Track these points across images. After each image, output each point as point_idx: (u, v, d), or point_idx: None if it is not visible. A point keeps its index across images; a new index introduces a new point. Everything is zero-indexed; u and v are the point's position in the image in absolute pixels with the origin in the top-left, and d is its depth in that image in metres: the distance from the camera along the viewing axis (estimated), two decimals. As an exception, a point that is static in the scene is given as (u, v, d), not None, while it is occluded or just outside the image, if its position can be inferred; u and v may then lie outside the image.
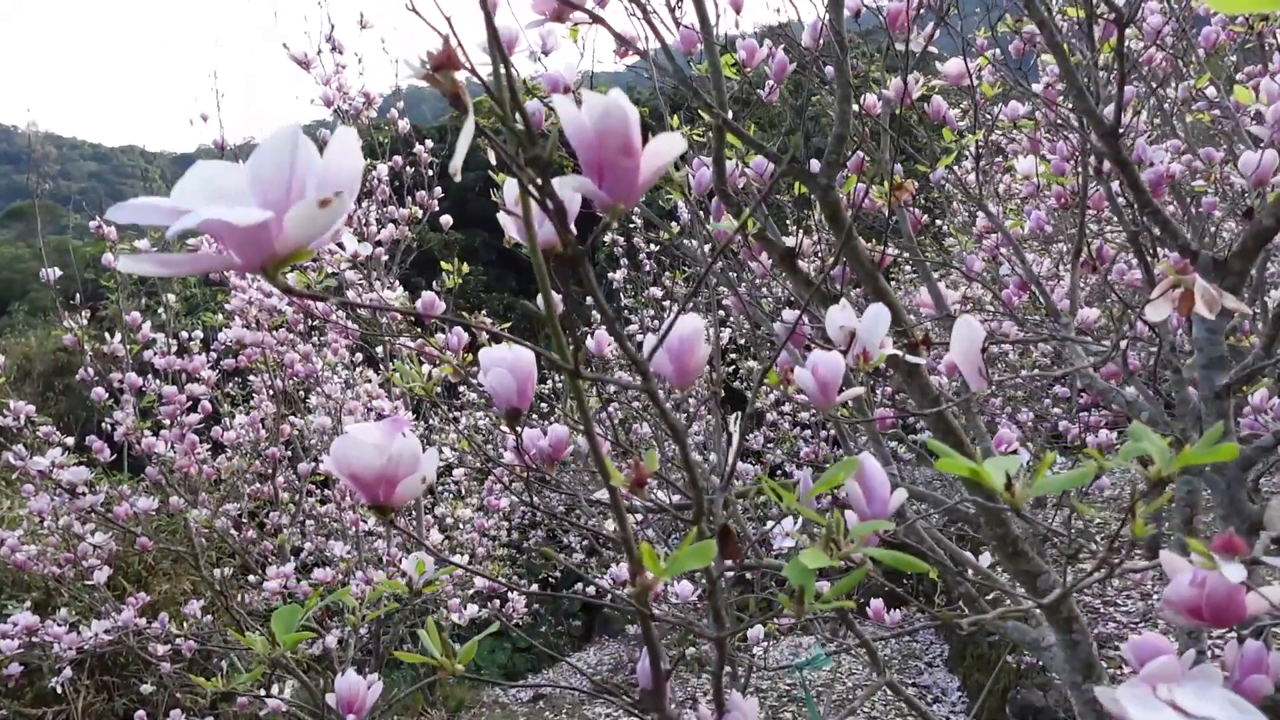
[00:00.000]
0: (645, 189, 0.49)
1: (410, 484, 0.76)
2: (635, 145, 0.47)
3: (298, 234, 0.43)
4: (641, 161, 0.48)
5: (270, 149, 0.42)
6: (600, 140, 0.47)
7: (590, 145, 0.47)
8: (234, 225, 0.40)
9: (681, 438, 0.55)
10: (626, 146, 0.47)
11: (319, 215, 0.42)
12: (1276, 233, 1.14)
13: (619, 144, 0.47)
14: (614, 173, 0.47)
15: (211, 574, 4.20)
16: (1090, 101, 1.19)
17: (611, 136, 0.46)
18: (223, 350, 4.43)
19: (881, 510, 0.71)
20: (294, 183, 0.43)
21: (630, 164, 0.47)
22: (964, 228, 4.29)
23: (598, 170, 0.48)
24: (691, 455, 0.56)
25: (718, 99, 1.30)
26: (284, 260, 0.44)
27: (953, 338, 0.76)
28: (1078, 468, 0.54)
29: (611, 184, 0.48)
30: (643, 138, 0.50)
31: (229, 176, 0.43)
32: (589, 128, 0.47)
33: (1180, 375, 1.48)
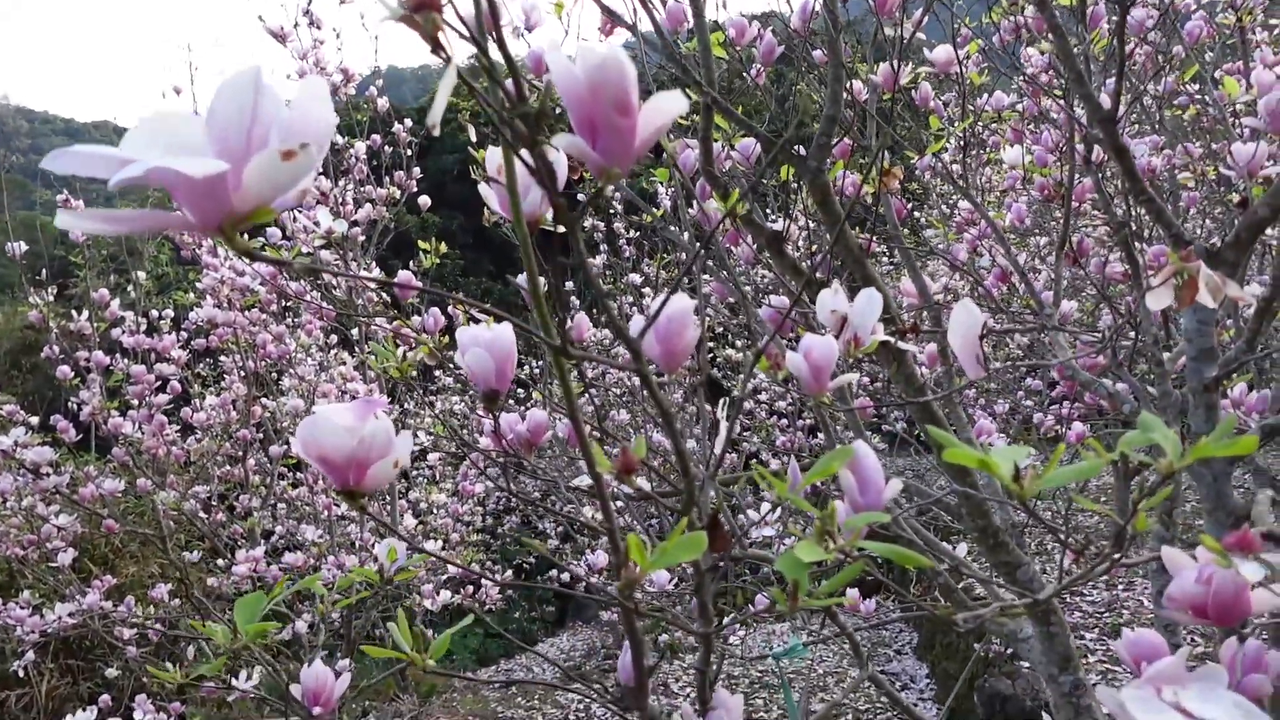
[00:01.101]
0: (643, 151, 0.45)
1: (382, 468, 0.72)
2: (632, 102, 0.44)
3: (258, 189, 0.39)
4: (639, 120, 0.45)
5: (228, 93, 0.38)
6: (594, 95, 0.43)
7: (583, 101, 0.43)
8: (186, 176, 0.36)
9: (671, 422, 0.52)
10: (623, 103, 0.43)
11: (282, 169, 0.38)
12: (1271, 223, 1.12)
13: (615, 100, 0.43)
14: (609, 132, 0.44)
15: (180, 557, 4.12)
16: (1089, 86, 1.17)
17: (607, 91, 0.43)
18: (194, 330, 4.34)
19: (876, 501, 0.68)
20: (255, 132, 0.39)
21: (627, 123, 0.44)
22: (944, 219, 4.29)
23: (590, 129, 0.44)
24: (682, 441, 0.53)
25: (706, 76, 1.26)
26: (243, 219, 0.40)
27: (951, 322, 0.73)
28: (1078, 461, 0.51)
29: (606, 144, 0.44)
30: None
31: (185, 125, 0.39)
32: (582, 81, 0.43)
33: (1162, 368, 1.47)
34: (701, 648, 0.63)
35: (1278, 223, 1.31)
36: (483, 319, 0.94)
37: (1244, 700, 0.53)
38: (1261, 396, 1.67)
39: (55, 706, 4.99)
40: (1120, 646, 0.73)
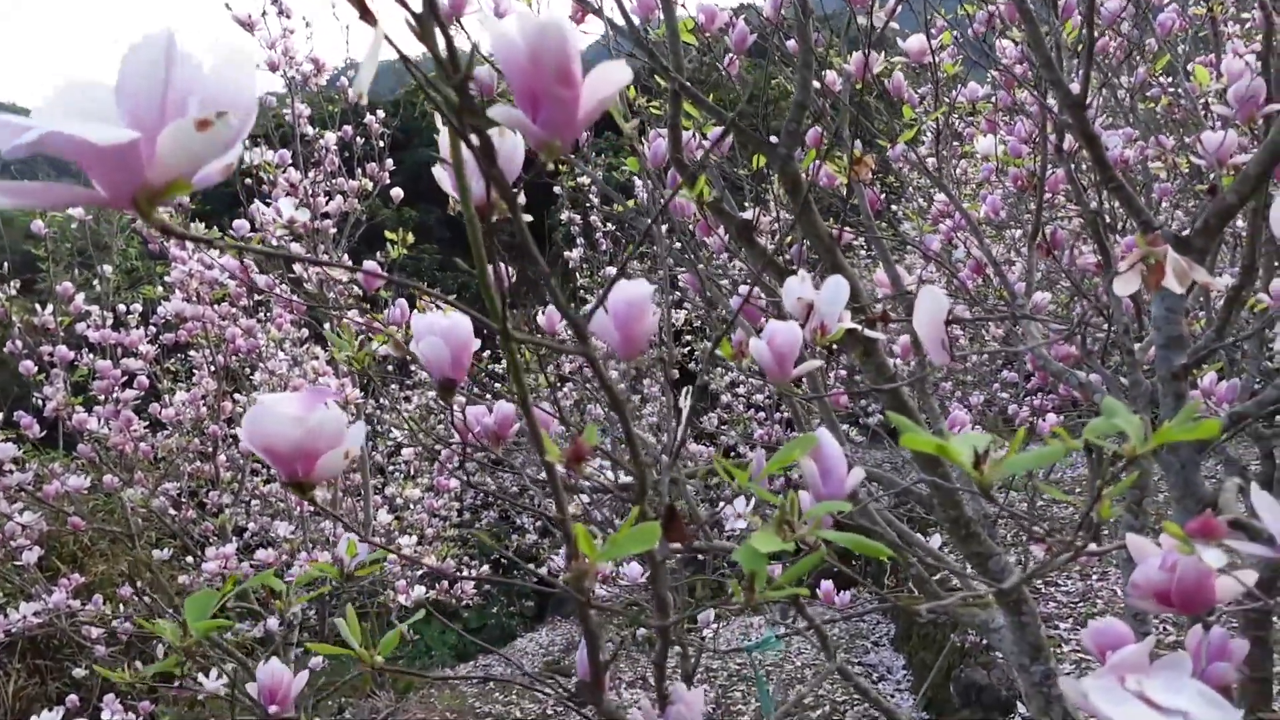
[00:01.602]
0: (586, 124, 0.43)
1: (331, 459, 0.70)
2: (574, 72, 0.42)
3: (173, 160, 0.36)
4: (583, 92, 0.43)
5: (139, 58, 0.35)
6: (535, 65, 0.41)
7: (523, 71, 0.41)
8: (93, 145, 0.34)
9: (621, 408, 0.50)
10: (565, 73, 0.41)
11: (198, 139, 0.36)
12: (1238, 210, 1.12)
13: (556, 69, 0.41)
14: (550, 103, 0.42)
15: (149, 555, 4.06)
16: (1058, 71, 1.16)
17: (548, 60, 0.41)
18: (163, 324, 4.28)
19: (838, 490, 0.66)
20: (170, 99, 0.36)
21: (569, 94, 0.42)
22: (920, 211, 4.30)
23: (531, 100, 0.42)
24: (633, 428, 0.51)
25: (675, 63, 1.24)
26: (159, 193, 0.37)
27: (916, 307, 0.72)
28: (1043, 447, 0.50)
29: (547, 116, 0.42)
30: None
31: (96, 93, 0.37)
32: (522, 49, 0.41)
33: (1133, 357, 1.48)
34: (659, 642, 0.61)
35: (1246, 210, 1.31)
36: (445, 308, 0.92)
37: (1207, 689, 0.52)
38: (1231, 386, 1.68)
39: (23, 707, 4.91)
40: (1086, 636, 0.72)
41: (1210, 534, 0.52)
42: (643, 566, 1.97)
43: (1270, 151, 1.05)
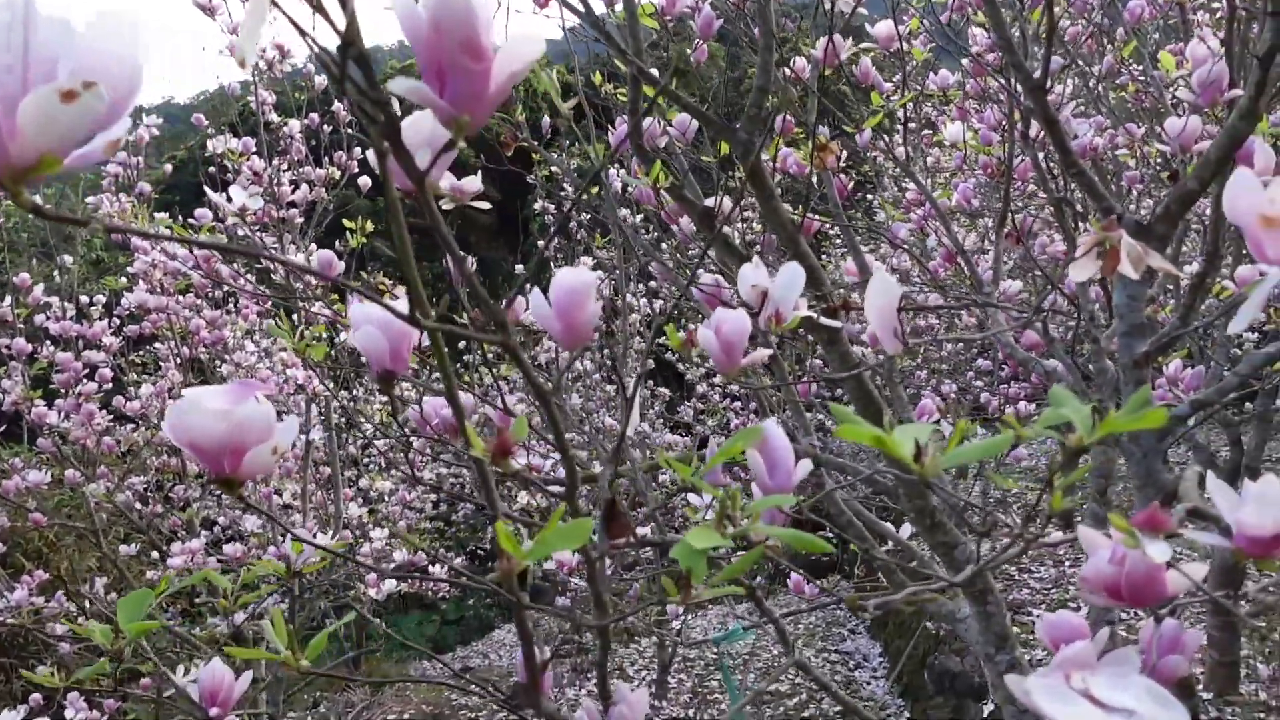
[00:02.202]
0: (499, 100, 0.41)
1: (259, 455, 0.67)
2: (482, 44, 0.39)
3: (38, 134, 0.33)
4: (493, 66, 0.40)
5: (-9, 21, 0.32)
6: (439, 36, 0.38)
7: (427, 42, 0.39)
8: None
9: (548, 401, 0.48)
10: (471, 45, 0.39)
11: (64, 112, 0.33)
12: (1200, 196, 1.11)
13: (462, 41, 0.38)
14: (457, 78, 0.39)
15: (116, 550, 3.99)
16: (1018, 54, 1.14)
17: (452, 31, 0.38)
18: (127, 316, 4.20)
19: (785, 482, 0.64)
20: (31, 69, 0.33)
21: (477, 67, 0.39)
22: (895, 201, 4.29)
23: (438, 74, 0.40)
24: (561, 421, 0.49)
25: (634, 46, 1.21)
26: (25, 171, 0.34)
27: (867, 293, 0.70)
28: (988, 438, 0.48)
29: (455, 91, 0.39)
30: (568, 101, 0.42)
31: (-45, 63, 0.34)
32: (425, 20, 0.38)
33: (1099, 346, 1.47)
34: (599, 642, 0.59)
35: (1211, 195, 1.30)
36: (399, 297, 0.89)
37: (1156, 685, 0.50)
38: (1196, 373, 1.68)
39: (-12, 706, 4.83)
40: (1040, 628, 0.71)
41: (1157, 527, 0.50)
42: (611, 560, 1.95)
43: (1230, 136, 1.04)
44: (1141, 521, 0.50)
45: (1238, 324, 0.57)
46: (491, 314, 0.44)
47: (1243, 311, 0.57)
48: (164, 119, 4.31)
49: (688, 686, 5.94)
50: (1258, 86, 0.97)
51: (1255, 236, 0.56)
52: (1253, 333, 3.52)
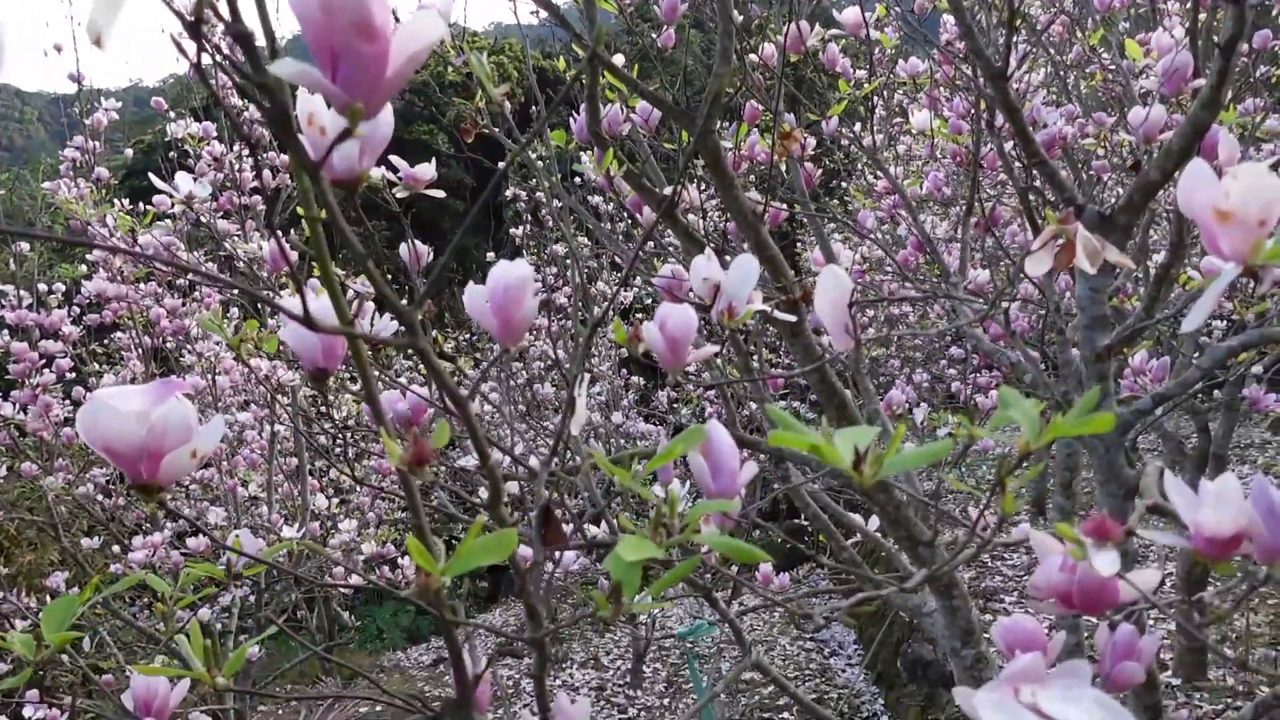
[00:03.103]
0: (398, 85, 0.38)
1: (178, 459, 0.64)
2: (376, 25, 0.36)
3: None
4: (391, 49, 0.37)
5: None
6: (329, 16, 0.35)
7: (317, 23, 0.36)
8: None
9: (464, 407, 0.45)
10: (365, 25, 0.35)
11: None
12: (1162, 187, 1.10)
13: (354, 21, 0.35)
14: (350, 61, 0.36)
15: (78, 544, 3.92)
16: (979, 41, 1.12)
17: (344, 10, 0.35)
18: (87, 304, 4.11)
19: (729, 486, 0.62)
20: None
21: (370, 50, 0.36)
22: (867, 190, 4.28)
23: (329, 57, 0.36)
24: (479, 429, 0.46)
25: (590, 31, 1.18)
26: None
27: (817, 289, 0.67)
28: (928, 444, 0.46)
29: (348, 76, 0.36)
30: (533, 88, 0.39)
31: None
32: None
33: (1064, 337, 1.46)
34: (535, 655, 0.56)
35: (1173, 185, 1.29)
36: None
37: (1106, 697, 0.48)
38: (1162, 364, 1.68)
39: (-52, 703, 4.74)
40: (995, 634, 0.69)
41: (1105, 536, 0.48)
42: (576, 553, 1.93)
43: (1193, 126, 1.02)
44: (1090, 530, 0.48)
45: (1191, 321, 0.55)
46: (403, 318, 0.41)
47: (1196, 308, 0.55)
48: (131, 102, 4.20)
49: (663, 676, 5.95)
50: (1220, 75, 0.96)
51: (1210, 230, 0.54)
52: (1220, 320, 3.54)
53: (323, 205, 0.38)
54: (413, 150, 4.28)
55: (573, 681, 6.06)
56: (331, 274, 0.48)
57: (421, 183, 1.37)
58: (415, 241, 1.58)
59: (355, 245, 0.40)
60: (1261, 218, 0.50)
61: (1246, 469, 6.75)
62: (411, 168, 1.30)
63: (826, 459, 0.43)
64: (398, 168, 1.37)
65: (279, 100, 0.36)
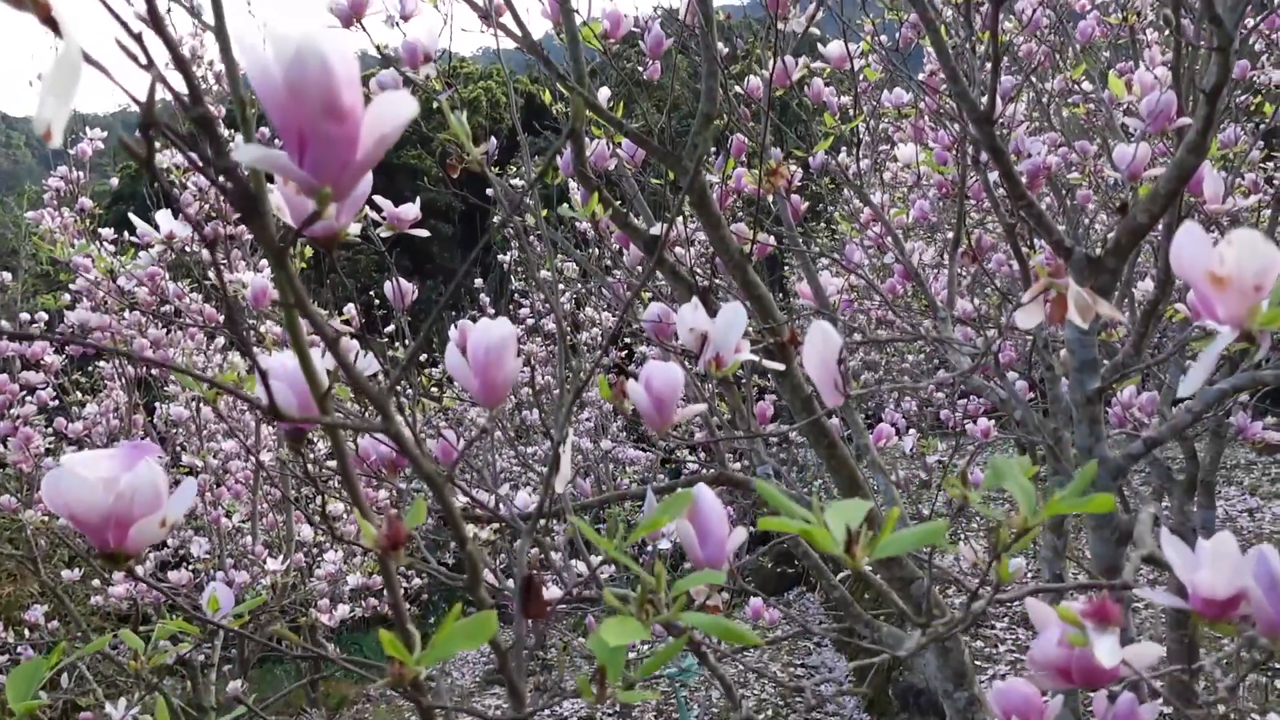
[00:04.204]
0: (369, 166, 0.36)
1: (147, 527, 0.62)
2: (345, 105, 0.34)
3: None
4: (361, 130, 0.35)
5: None
6: (294, 97, 0.34)
7: (282, 104, 0.34)
8: None
9: (439, 486, 0.43)
10: (333, 106, 0.34)
11: None
12: (1150, 230, 1.10)
13: (322, 102, 0.34)
14: (319, 143, 0.35)
15: (57, 577, 3.85)
16: (964, 84, 1.12)
17: (309, 92, 0.34)
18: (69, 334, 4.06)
19: (717, 554, 0.60)
20: None
21: (339, 131, 0.35)
22: (852, 215, 4.29)
23: (297, 138, 0.35)
24: (456, 509, 0.44)
25: (575, 71, 1.17)
26: None
27: (805, 346, 0.66)
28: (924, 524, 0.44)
29: (316, 158, 0.35)
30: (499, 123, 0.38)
31: None
32: (278, 79, 0.34)
33: (1052, 372, 1.46)
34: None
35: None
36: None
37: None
38: (1150, 397, 1.67)
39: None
40: (990, 699, 0.67)
41: (1106, 620, 0.46)
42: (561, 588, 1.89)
43: (1179, 170, 1.02)
44: (1090, 614, 0.47)
45: (1188, 386, 0.54)
46: (374, 401, 0.39)
47: (1193, 373, 0.54)
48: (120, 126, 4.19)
49: (652, 705, 5.89)
50: (1205, 121, 0.96)
51: (1204, 294, 0.53)
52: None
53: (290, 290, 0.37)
54: (402, 174, 4.43)
55: (562, 711, 5.98)
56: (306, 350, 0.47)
57: (405, 223, 1.36)
58: (400, 279, 1.56)
59: (299, 294, 0.38)
60: (1257, 283, 0.49)
61: (1234, 490, 6.78)
62: (402, 189, 1.28)
63: (818, 544, 0.42)
64: (381, 207, 1.35)
65: (241, 183, 0.34)
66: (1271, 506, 6.20)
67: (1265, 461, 7.04)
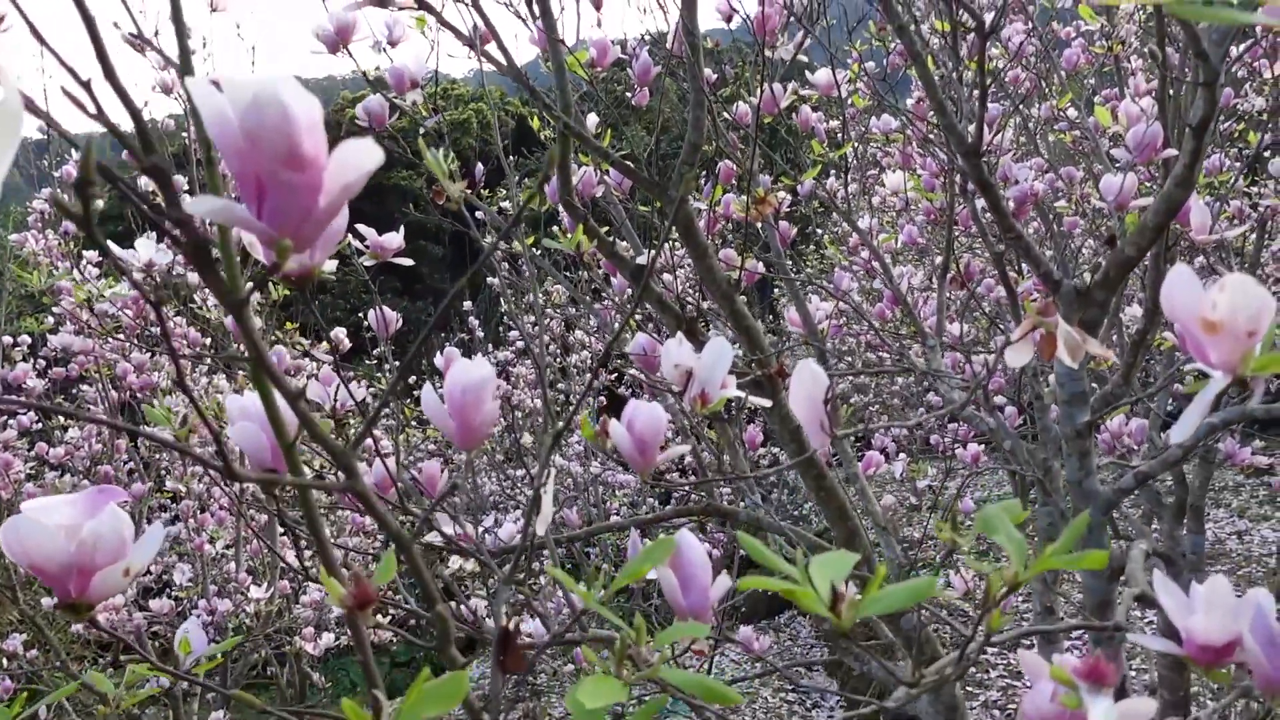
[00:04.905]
0: (331, 216, 0.35)
1: (109, 577, 0.60)
2: (306, 153, 0.33)
3: None
4: (325, 177, 0.34)
5: None
6: (253, 145, 0.32)
7: (240, 152, 0.33)
8: None
9: (409, 550, 0.41)
10: (293, 154, 0.33)
11: None
12: (1138, 262, 1.09)
13: (281, 150, 0.32)
14: (278, 192, 0.33)
15: (38, 604, 3.78)
16: (951, 117, 1.12)
17: (268, 140, 0.32)
18: (53, 358, 4.03)
19: (700, 603, 0.58)
20: None
21: (300, 180, 0.33)
22: (841, 238, 4.30)
23: (255, 187, 0.33)
24: (424, 569, 0.42)
25: (561, 101, 1.16)
26: None
27: (792, 385, 0.65)
28: (912, 581, 0.43)
29: (276, 208, 0.33)
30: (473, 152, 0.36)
31: None
32: (235, 126, 0.32)
33: (1041, 401, 1.45)
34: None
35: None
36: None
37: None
38: (1140, 427, 1.66)
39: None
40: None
41: (1098, 680, 0.45)
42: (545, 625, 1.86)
43: (1167, 204, 1.02)
44: (1083, 673, 0.45)
45: (1181, 432, 0.53)
46: (337, 459, 0.37)
47: (1186, 418, 0.53)
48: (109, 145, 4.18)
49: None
50: (1192, 155, 0.95)
51: (1196, 339, 0.52)
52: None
53: (250, 344, 0.35)
54: (392, 195, 4.39)
55: (551, 738, 5.91)
56: (274, 402, 0.45)
57: (389, 251, 1.34)
58: (383, 308, 1.54)
59: (258, 348, 0.36)
60: (1250, 328, 0.48)
61: (1222, 512, 6.78)
62: (392, 211, 1.27)
63: (802, 604, 0.40)
64: (365, 235, 1.34)
65: (195, 234, 0.33)
66: (1260, 529, 6.20)
67: (1253, 483, 7.05)
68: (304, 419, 0.37)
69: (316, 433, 0.37)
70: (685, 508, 1.43)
